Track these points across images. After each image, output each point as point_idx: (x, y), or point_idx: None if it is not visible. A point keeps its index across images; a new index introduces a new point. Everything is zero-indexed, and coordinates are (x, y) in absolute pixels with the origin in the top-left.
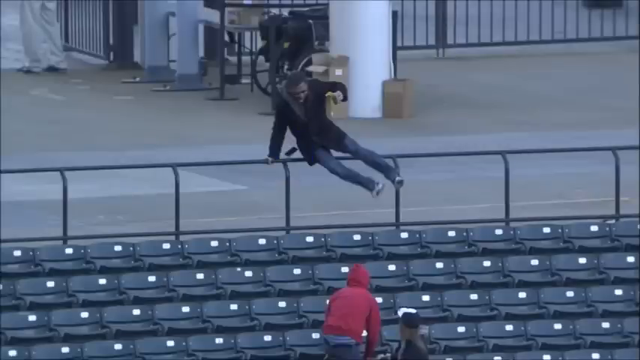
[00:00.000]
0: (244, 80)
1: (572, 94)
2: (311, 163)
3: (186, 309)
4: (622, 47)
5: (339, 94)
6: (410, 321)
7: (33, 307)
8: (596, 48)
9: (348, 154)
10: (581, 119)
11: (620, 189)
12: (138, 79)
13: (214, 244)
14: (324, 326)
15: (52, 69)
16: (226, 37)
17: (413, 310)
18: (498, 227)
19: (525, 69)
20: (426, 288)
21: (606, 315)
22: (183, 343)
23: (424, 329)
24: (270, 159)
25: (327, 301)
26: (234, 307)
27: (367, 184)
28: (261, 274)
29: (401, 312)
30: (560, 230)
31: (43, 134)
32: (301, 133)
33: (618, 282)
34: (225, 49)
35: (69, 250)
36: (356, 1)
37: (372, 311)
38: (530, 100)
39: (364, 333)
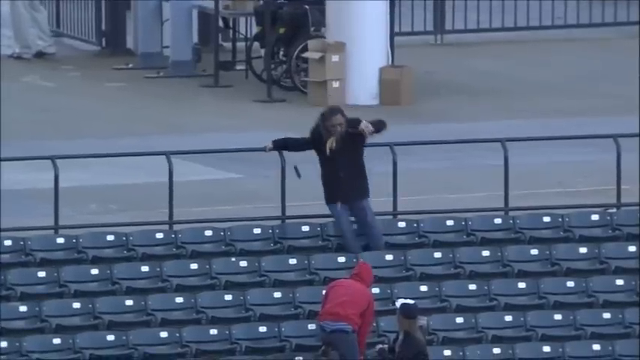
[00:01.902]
0: (239, 67)
1: (573, 81)
2: (329, 202)
3: (179, 299)
4: (623, 33)
5: (366, 125)
6: (408, 312)
7: (24, 298)
8: (596, 34)
9: (355, 215)
10: (581, 106)
11: (621, 177)
12: (130, 66)
13: (208, 233)
14: (320, 313)
15: (40, 54)
16: (221, 23)
17: (411, 301)
18: (497, 216)
19: (525, 55)
20: (424, 278)
21: (607, 305)
22: (177, 334)
23: (423, 320)
24: (269, 146)
25: (324, 291)
26: (228, 297)
27: (348, 247)
28: (257, 264)
29: (399, 303)
30: (560, 219)
31: (33, 122)
32: (329, 166)
33: (619, 272)
34: (220, 35)
35: (60, 240)
36: None
37: (368, 309)
38: (530, 86)
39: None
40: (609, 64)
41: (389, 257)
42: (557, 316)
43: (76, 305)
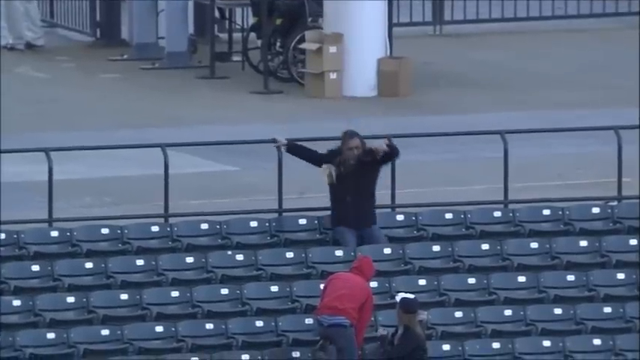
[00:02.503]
0: (235, 58)
1: (573, 73)
2: (333, 225)
3: (175, 293)
4: (624, 24)
5: (380, 145)
6: (408, 306)
7: (17, 292)
8: (597, 24)
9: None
10: (581, 98)
11: (622, 169)
12: (125, 57)
13: (204, 226)
14: (317, 307)
15: (29, 45)
16: (217, 14)
17: (411, 296)
18: (497, 209)
19: (525, 46)
20: (423, 272)
21: (608, 299)
22: (172, 329)
23: (423, 315)
24: (280, 141)
25: (322, 285)
26: (224, 291)
27: None
28: (253, 258)
29: (399, 297)
30: (560, 212)
31: (27, 114)
32: (337, 189)
33: (620, 265)
34: (216, 25)
35: (54, 233)
36: None
37: (367, 303)
38: (530, 78)
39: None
40: (609, 55)
41: (387, 251)
42: (558, 311)
43: (70, 299)
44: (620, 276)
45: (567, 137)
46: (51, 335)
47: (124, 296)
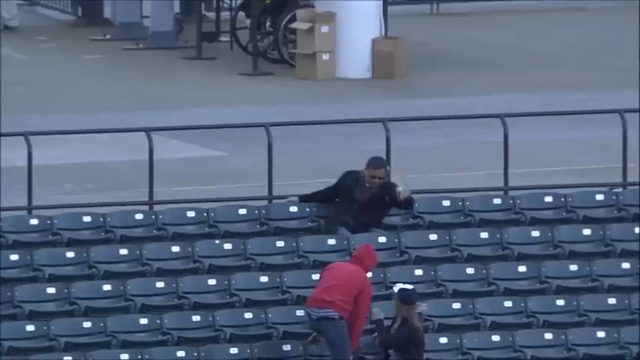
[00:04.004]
0: (223, 38)
1: (573, 53)
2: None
3: (160, 284)
4: (623, 3)
5: (404, 191)
6: (406, 297)
7: None
8: (596, 4)
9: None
10: (582, 79)
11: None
12: (108, 37)
13: (191, 214)
14: (307, 299)
15: (6, 27)
16: None
17: (409, 286)
18: (496, 196)
19: (525, 26)
20: (419, 262)
21: (612, 290)
22: (158, 321)
23: (422, 306)
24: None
25: (314, 276)
26: (212, 282)
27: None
28: (242, 247)
29: (396, 288)
30: (562, 199)
31: (6, 96)
32: (347, 203)
33: (625, 254)
34: (203, 4)
35: (34, 221)
36: None
37: (363, 293)
38: (530, 59)
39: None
40: (609, 35)
41: (382, 239)
42: (560, 302)
43: (51, 290)
44: (625, 266)
45: (570, 121)
46: (30, 328)
47: (106, 287)
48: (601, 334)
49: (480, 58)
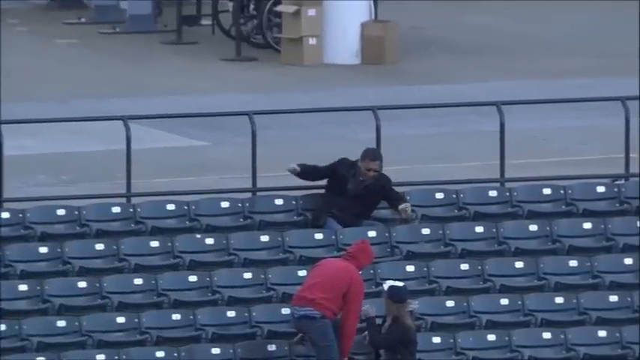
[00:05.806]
0: (204, 22)
1: (572, 39)
2: (317, 223)
3: (138, 281)
4: None
5: (407, 207)
6: (397, 295)
7: None
8: None
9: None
10: (581, 65)
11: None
12: (83, 20)
13: (171, 207)
14: (292, 297)
15: None
16: None
17: (400, 284)
18: (492, 188)
19: (521, 10)
20: (411, 257)
21: (614, 287)
22: (136, 320)
23: (413, 304)
24: (295, 169)
25: (300, 272)
26: (193, 278)
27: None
28: (224, 242)
29: (386, 285)
30: (562, 191)
31: None
32: (341, 196)
33: (627, 250)
34: None
35: (5, 214)
36: None
37: (349, 293)
38: (527, 45)
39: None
40: (608, 21)
41: (372, 234)
42: (559, 299)
43: (23, 287)
44: (628, 261)
45: (569, 109)
46: (2, 327)
47: (82, 284)
48: (602, 333)
49: (475, 44)
